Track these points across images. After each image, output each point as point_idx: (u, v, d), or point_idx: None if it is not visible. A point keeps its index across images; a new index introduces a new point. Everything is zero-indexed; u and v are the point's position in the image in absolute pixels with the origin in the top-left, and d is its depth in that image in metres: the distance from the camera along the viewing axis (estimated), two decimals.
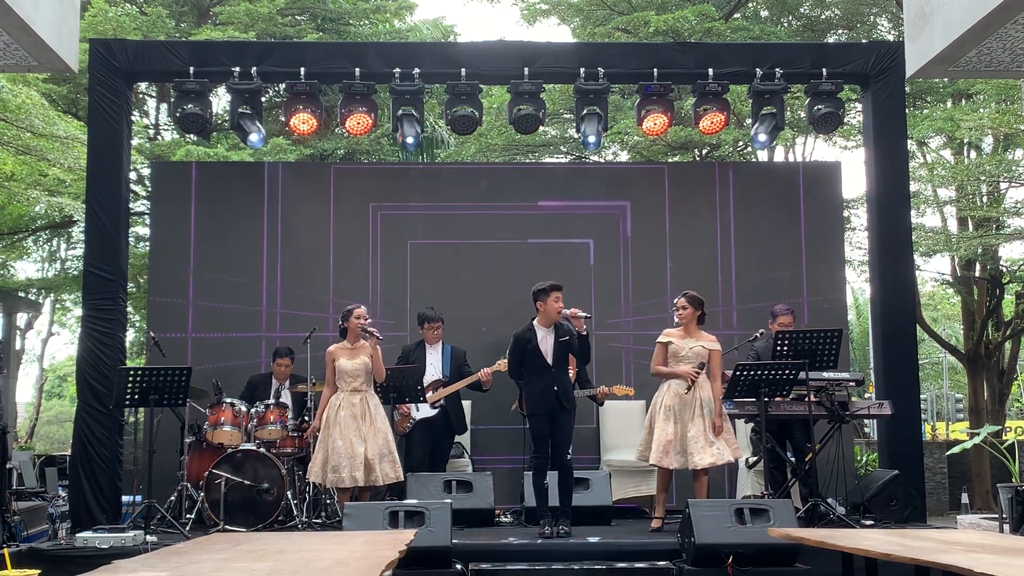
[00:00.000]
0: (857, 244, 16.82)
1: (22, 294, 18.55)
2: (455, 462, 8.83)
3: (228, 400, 8.13)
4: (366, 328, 7.57)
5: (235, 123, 8.73)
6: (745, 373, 7.42)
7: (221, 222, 9.74)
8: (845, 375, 7.82)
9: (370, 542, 4.67)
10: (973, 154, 16.46)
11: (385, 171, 12.20)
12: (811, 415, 7.59)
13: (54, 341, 28.33)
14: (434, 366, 8.65)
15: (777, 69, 8.79)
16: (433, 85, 10.54)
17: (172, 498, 7.94)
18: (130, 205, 9.58)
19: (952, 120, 14.46)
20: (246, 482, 7.63)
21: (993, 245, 15.48)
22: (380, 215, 9.86)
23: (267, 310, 9.63)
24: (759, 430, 7.70)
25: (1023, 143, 15.94)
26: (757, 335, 8.29)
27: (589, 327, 7.53)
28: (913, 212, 12.46)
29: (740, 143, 16.00)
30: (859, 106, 12.67)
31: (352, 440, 7.34)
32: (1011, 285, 17.12)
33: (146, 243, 13.88)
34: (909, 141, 12.92)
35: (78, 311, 15.61)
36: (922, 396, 16.29)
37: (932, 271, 19.83)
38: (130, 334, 15.23)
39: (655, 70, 8.80)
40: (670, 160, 15.72)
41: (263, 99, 9.17)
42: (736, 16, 17.35)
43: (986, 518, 10.30)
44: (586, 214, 9.96)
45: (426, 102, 9.57)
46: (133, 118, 10.15)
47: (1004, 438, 12.09)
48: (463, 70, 8.74)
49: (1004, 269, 16.83)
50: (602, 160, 17.86)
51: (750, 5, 17.79)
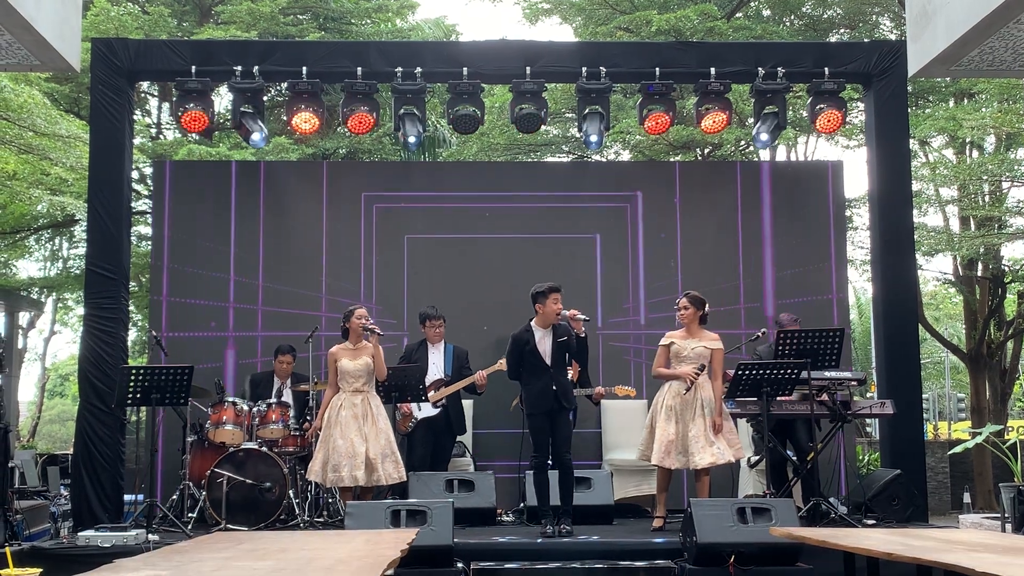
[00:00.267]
0: (859, 243, 16.83)
1: (24, 293, 18.57)
2: (457, 461, 8.83)
3: (230, 399, 8.13)
4: (367, 326, 7.57)
5: (237, 122, 8.73)
6: (747, 372, 7.41)
7: (224, 221, 9.74)
8: (847, 374, 7.82)
9: (372, 541, 4.67)
10: (975, 153, 16.45)
11: (388, 169, 12.19)
12: (813, 414, 7.58)
13: (56, 340, 28.44)
14: (436, 365, 8.65)
15: (779, 68, 8.79)
16: (435, 84, 10.54)
17: (174, 497, 7.94)
18: (132, 204, 9.58)
19: (954, 119, 14.46)
20: (248, 481, 7.63)
21: (995, 244, 15.47)
22: (381, 214, 9.86)
23: (269, 310, 9.63)
24: (761, 429, 7.70)
25: None
26: (759, 334, 8.29)
27: (591, 327, 7.53)
28: (915, 211, 12.46)
29: (742, 142, 15.99)
30: (861, 105, 12.67)
31: (353, 440, 7.33)
32: (1013, 284, 17.12)
33: (148, 242, 13.89)
34: (911, 140, 12.94)
35: (80, 310, 15.62)
36: (924, 395, 16.30)
37: (934, 270, 19.84)
38: (132, 333, 15.23)
39: (657, 69, 8.80)
40: (673, 159, 15.72)
41: (265, 98, 9.16)
42: (738, 15, 17.35)
43: (988, 518, 10.31)
44: (590, 211, 9.94)
45: (428, 101, 9.58)
46: (135, 117, 10.14)
47: (1006, 437, 12.08)
48: (465, 69, 8.74)
49: (1006, 268, 16.83)
50: (604, 159, 17.86)
51: (752, 4, 17.79)
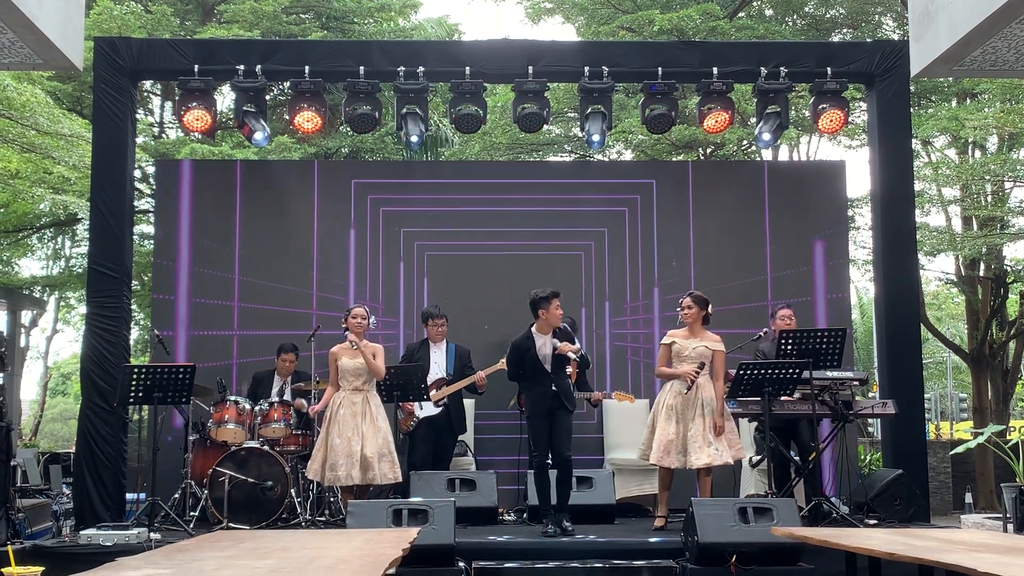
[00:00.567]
0: (861, 243, 16.83)
1: (27, 291, 18.57)
2: (458, 460, 8.83)
3: (232, 398, 8.14)
4: (350, 338, 7.56)
5: (240, 121, 8.74)
6: (749, 372, 7.41)
7: (225, 220, 9.75)
8: (849, 374, 7.81)
9: (373, 540, 4.67)
10: (978, 153, 16.44)
11: (390, 169, 12.20)
12: (815, 414, 7.58)
13: (58, 338, 28.43)
14: (438, 364, 8.65)
15: (782, 68, 8.78)
16: (437, 84, 10.54)
17: (176, 496, 7.95)
18: (134, 203, 9.58)
19: (957, 119, 14.45)
20: (250, 480, 7.63)
21: (997, 244, 15.47)
22: (384, 214, 9.86)
23: (270, 309, 9.64)
24: (763, 429, 7.69)
25: None
26: (760, 334, 8.29)
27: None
28: (917, 211, 12.47)
29: (744, 142, 15.99)
30: (864, 105, 12.66)
31: (350, 438, 7.35)
32: (1015, 284, 17.11)
33: (150, 241, 13.90)
34: (914, 140, 12.92)
35: (82, 309, 15.66)
36: (926, 395, 16.26)
37: (936, 270, 19.83)
38: (134, 332, 15.25)
39: (659, 69, 8.80)
40: (675, 159, 15.73)
41: (267, 97, 9.17)
42: (741, 15, 17.35)
43: (990, 518, 10.30)
44: (592, 211, 9.95)
45: (430, 101, 9.57)
46: (138, 116, 10.14)
47: (1008, 438, 12.07)
48: (467, 69, 8.74)
49: (1008, 268, 16.83)
50: (606, 159, 17.86)
51: (755, 4, 17.79)
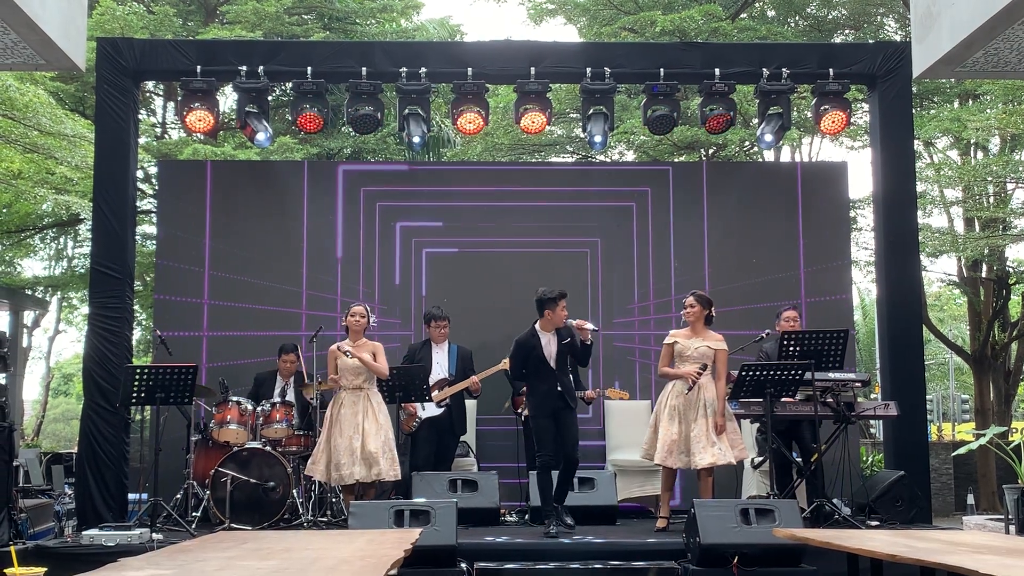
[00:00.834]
0: (863, 244, 16.82)
1: (29, 292, 18.58)
2: (460, 461, 8.83)
3: (234, 398, 8.15)
4: (343, 348, 7.56)
5: (242, 122, 8.74)
6: (751, 373, 7.41)
7: (228, 221, 9.75)
8: (851, 376, 7.80)
9: (375, 541, 4.68)
10: (980, 155, 16.43)
11: (392, 169, 12.19)
12: (817, 415, 7.57)
13: (61, 339, 28.48)
14: (440, 365, 8.66)
15: (784, 69, 8.78)
16: (439, 84, 10.55)
17: (178, 496, 7.96)
18: (137, 203, 9.59)
19: (959, 120, 14.44)
20: (252, 480, 7.64)
21: (1000, 246, 15.47)
22: (386, 214, 9.86)
23: (273, 309, 9.64)
24: (765, 430, 7.69)
25: None
26: (763, 335, 8.28)
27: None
28: (920, 212, 12.45)
29: (746, 143, 15.99)
30: (866, 106, 12.66)
31: (351, 436, 7.38)
32: (1017, 286, 17.10)
33: (153, 241, 13.91)
34: (916, 141, 12.91)
35: (85, 309, 15.65)
36: (928, 397, 16.28)
37: (938, 272, 19.84)
38: (136, 332, 15.25)
39: (661, 70, 8.80)
40: (676, 160, 15.72)
41: (270, 98, 9.17)
42: (743, 16, 17.34)
43: (992, 519, 10.29)
44: (594, 212, 9.96)
45: (432, 101, 9.57)
46: (140, 117, 10.15)
47: (1010, 439, 12.06)
48: (469, 70, 8.75)
49: (1011, 270, 16.82)
50: (608, 159, 17.86)
51: (757, 5, 17.78)
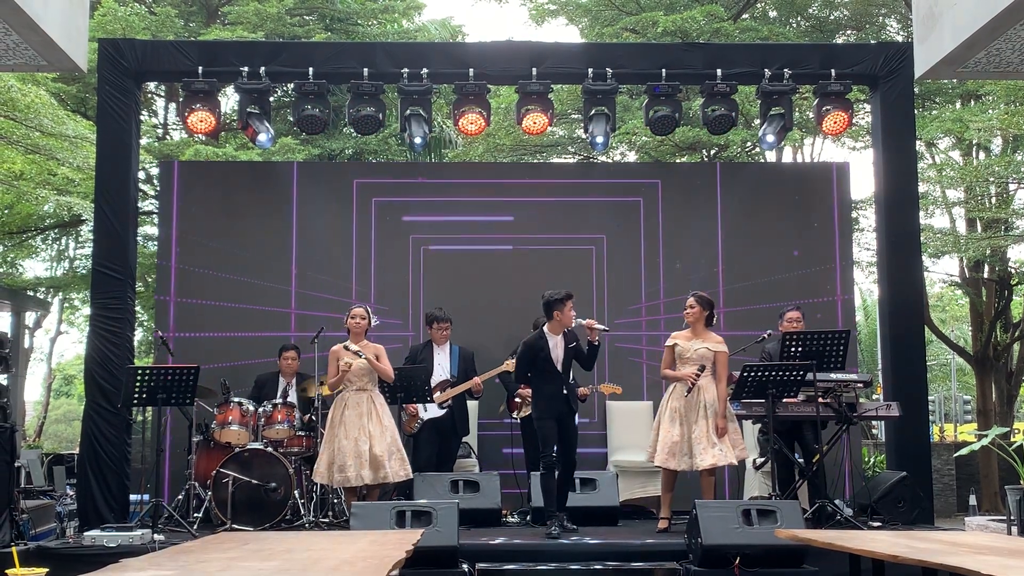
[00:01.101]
0: (865, 245, 16.80)
1: (31, 293, 18.58)
2: (462, 462, 8.84)
3: (236, 399, 8.15)
4: (347, 346, 7.57)
5: (243, 123, 8.75)
6: (753, 374, 7.41)
7: (229, 222, 9.75)
8: (853, 376, 7.80)
9: (377, 542, 4.68)
10: (982, 155, 16.41)
11: (394, 170, 12.20)
12: (819, 416, 7.57)
13: (62, 340, 28.44)
14: (442, 366, 8.66)
15: (785, 70, 8.78)
16: (441, 85, 10.55)
17: (180, 497, 7.96)
18: (139, 204, 9.60)
19: (961, 121, 14.42)
20: (253, 481, 7.64)
21: (1002, 246, 15.44)
22: (388, 215, 9.86)
23: (276, 310, 9.64)
24: (767, 431, 7.69)
25: None
26: (765, 335, 8.28)
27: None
28: (921, 213, 12.43)
29: (748, 144, 15.98)
30: (868, 107, 12.65)
31: (357, 439, 7.34)
32: (1020, 287, 17.09)
33: (154, 242, 13.91)
34: (918, 142, 12.91)
35: (86, 310, 15.63)
36: (930, 398, 16.24)
37: (940, 272, 19.86)
38: (138, 333, 15.25)
39: (663, 70, 8.81)
40: (679, 160, 15.72)
41: (271, 99, 9.18)
42: (744, 17, 17.33)
43: (994, 520, 10.27)
44: (596, 213, 9.95)
45: (434, 102, 9.57)
46: (142, 117, 10.16)
47: (1012, 440, 12.05)
48: (471, 70, 8.75)
49: (1013, 271, 16.79)
50: (610, 160, 17.85)
51: (759, 6, 17.77)
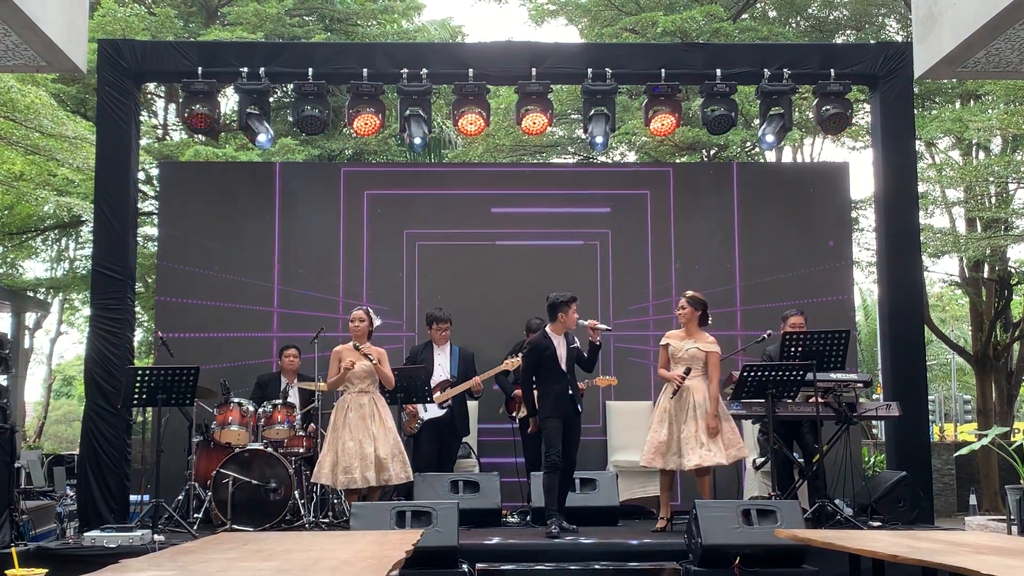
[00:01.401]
0: (865, 245, 16.80)
1: (31, 293, 18.58)
2: (462, 462, 8.84)
3: (236, 400, 8.15)
4: (355, 346, 7.58)
5: (243, 123, 8.75)
6: (753, 374, 7.41)
7: (229, 222, 9.76)
8: (853, 376, 7.81)
9: (377, 542, 4.68)
10: (982, 155, 16.41)
11: (394, 170, 12.18)
12: (819, 416, 7.58)
13: (62, 340, 28.41)
14: (442, 367, 8.67)
15: (785, 70, 8.77)
16: (441, 86, 10.55)
17: (180, 497, 7.96)
18: (138, 205, 9.60)
19: (960, 121, 14.43)
20: (253, 482, 7.64)
21: (1001, 246, 15.45)
22: (387, 216, 9.86)
23: (276, 310, 9.65)
24: (767, 431, 7.69)
25: None
26: (764, 336, 8.28)
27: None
28: (921, 213, 12.44)
29: (748, 144, 15.98)
30: (867, 107, 12.65)
31: (362, 440, 7.34)
32: (1019, 286, 17.09)
33: (154, 243, 13.91)
34: (917, 142, 12.90)
35: (86, 311, 15.63)
36: (930, 397, 16.25)
37: (940, 272, 19.87)
38: (138, 334, 15.25)
39: (663, 71, 8.80)
40: (677, 160, 15.72)
41: (271, 99, 9.17)
42: (744, 17, 17.33)
43: (994, 520, 10.28)
44: (595, 213, 9.95)
45: (433, 103, 9.57)
46: (141, 118, 10.15)
47: (1012, 440, 12.05)
48: (471, 71, 8.75)
49: (1012, 270, 16.79)
50: (610, 160, 17.86)
51: (758, 6, 17.77)
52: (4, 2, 6.27)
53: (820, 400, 7.55)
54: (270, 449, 7.81)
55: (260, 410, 8.14)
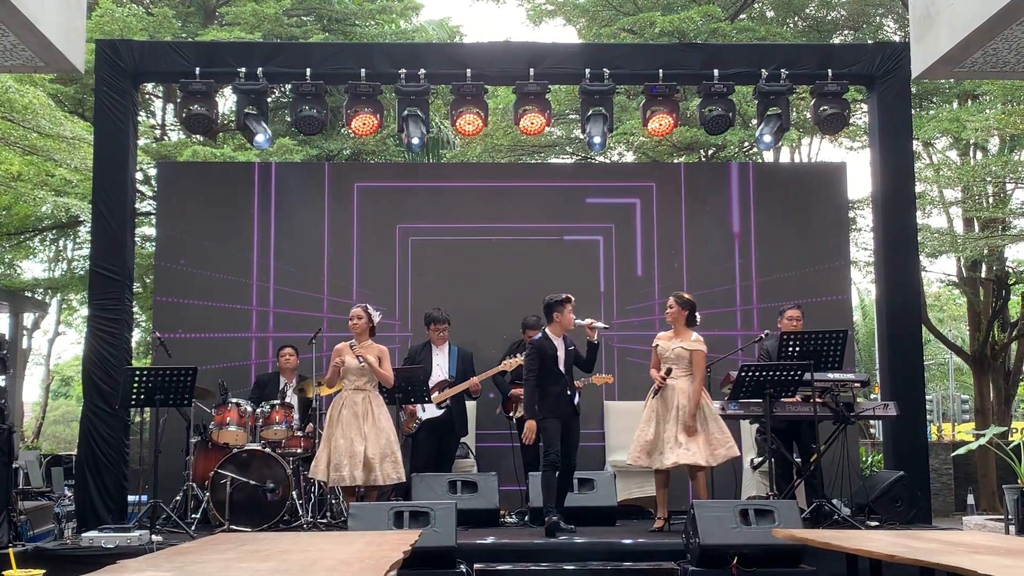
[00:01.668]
0: (863, 245, 16.80)
1: (29, 294, 18.57)
2: (460, 462, 8.84)
3: (234, 400, 8.15)
4: (351, 345, 7.59)
5: (241, 124, 8.74)
6: (750, 374, 7.42)
7: (227, 223, 9.75)
8: (850, 376, 7.81)
9: (375, 542, 4.68)
10: (979, 155, 16.42)
11: (392, 171, 12.19)
12: (816, 416, 7.58)
13: (60, 341, 28.42)
14: (440, 367, 8.67)
15: (782, 70, 8.78)
16: (439, 86, 10.55)
17: (178, 498, 7.95)
18: (136, 205, 9.59)
19: (958, 121, 14.44)
20: (251, 482, 7.64)
21: (999, 246, 15.46)
22: (386, 216, 9.87)
23: (272, 310, 9.65)
24: (764, 431, 7.69)
25: None
26: (763, 335, 8.29)
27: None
28: (919, 213, 12.46)
29: (746, 144, 15.98)
30: (865, 107, 12.66)
31: (352, 438, 7.34)
32: (1017, 286, 17.10)
33: (152, 243, 13.90)
34: (915, 142, 12.91)
35: (84, 311, 15.63)
36: (928, 397, 16.28)
37: (938, 272, 19.82)
38: (136, 334, 15.24)
39: (660, 71, 8.81)
40: (675, 161, 15.72)
41: (269, 100, 9.17)
42: (742, 17, 17.33)
43: (992, 519, 10.29)
44: (594, 213, 9.97)
45: (431, 103, 9.56)
46: (139, 118, 10.15)
47: (1010, 439, 12.06)
48: (469, 71, 8.75)
49: (1010, 270, 16.81)
50: (608, 160, 17.86)
51: (756, 6, 17.77)
52: (2, 2, 6.26)
53: (818, 400, 7.55)
54: (268, 449, 7.81)
55: (258, 410, 8.14)
